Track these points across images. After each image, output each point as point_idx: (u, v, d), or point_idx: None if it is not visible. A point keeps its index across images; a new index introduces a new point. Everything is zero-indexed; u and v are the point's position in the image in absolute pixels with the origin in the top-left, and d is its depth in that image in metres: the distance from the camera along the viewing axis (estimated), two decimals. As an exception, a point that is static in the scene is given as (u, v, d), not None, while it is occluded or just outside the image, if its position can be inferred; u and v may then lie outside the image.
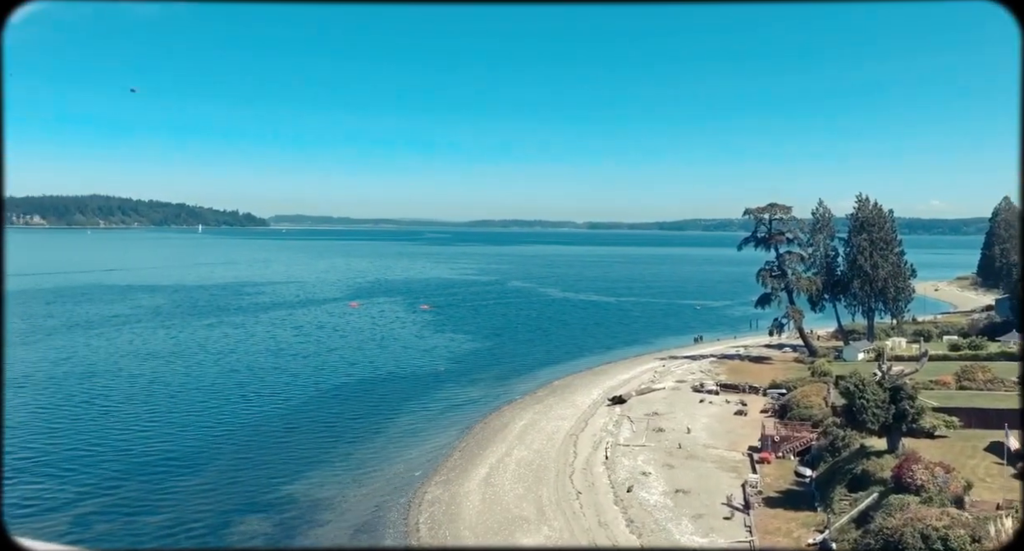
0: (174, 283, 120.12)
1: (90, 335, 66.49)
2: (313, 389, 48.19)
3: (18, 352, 56.84)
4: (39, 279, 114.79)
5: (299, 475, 31.55)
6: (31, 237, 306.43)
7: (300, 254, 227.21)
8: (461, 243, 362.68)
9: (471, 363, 57.34)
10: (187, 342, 64.94)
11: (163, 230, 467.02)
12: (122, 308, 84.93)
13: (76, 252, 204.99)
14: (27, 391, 44.86)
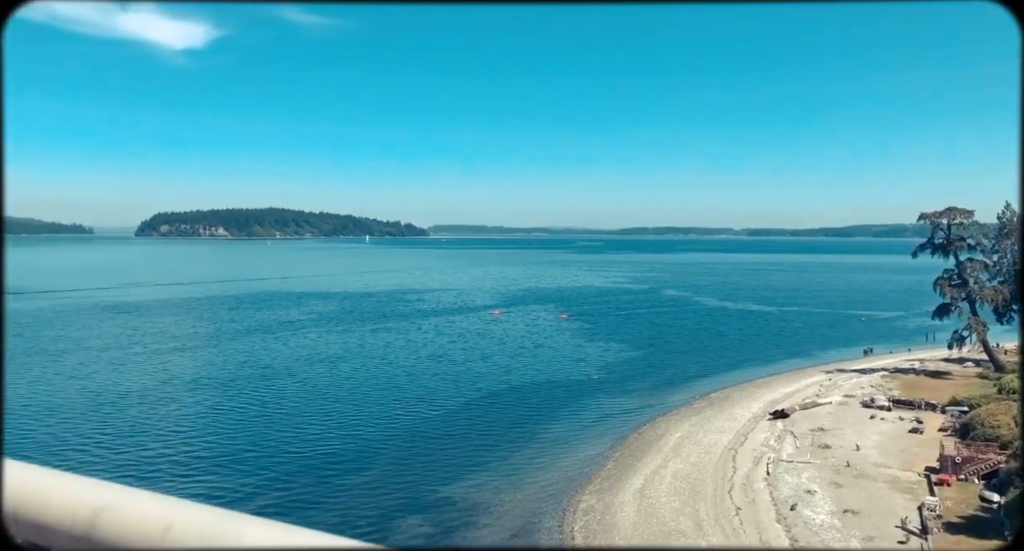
0: (342, 290, 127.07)
1: (267, 339, 71.57)
2: (468, 395, 49.57)
3: (204, 354, 62.16)
4: (225, 286, 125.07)
5: (457, 478, 32.59)
6: (216, 247, 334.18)
7: (456, 262, 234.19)
8: (613, 251, 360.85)
9: (624, 373, 57.02)
10: (351, 347, 68.53)
11: (332, 240, 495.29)
12: (296, 314, 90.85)
13: (256, 261, 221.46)
14: (208, 390, 48.93)
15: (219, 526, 1.10)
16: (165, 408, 43.70)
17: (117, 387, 47.81)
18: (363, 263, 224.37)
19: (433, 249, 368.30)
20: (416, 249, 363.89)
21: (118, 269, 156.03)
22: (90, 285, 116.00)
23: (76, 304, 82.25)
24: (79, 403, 44.03)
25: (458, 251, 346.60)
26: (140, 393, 46.80)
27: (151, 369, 53.43)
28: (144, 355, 58.20)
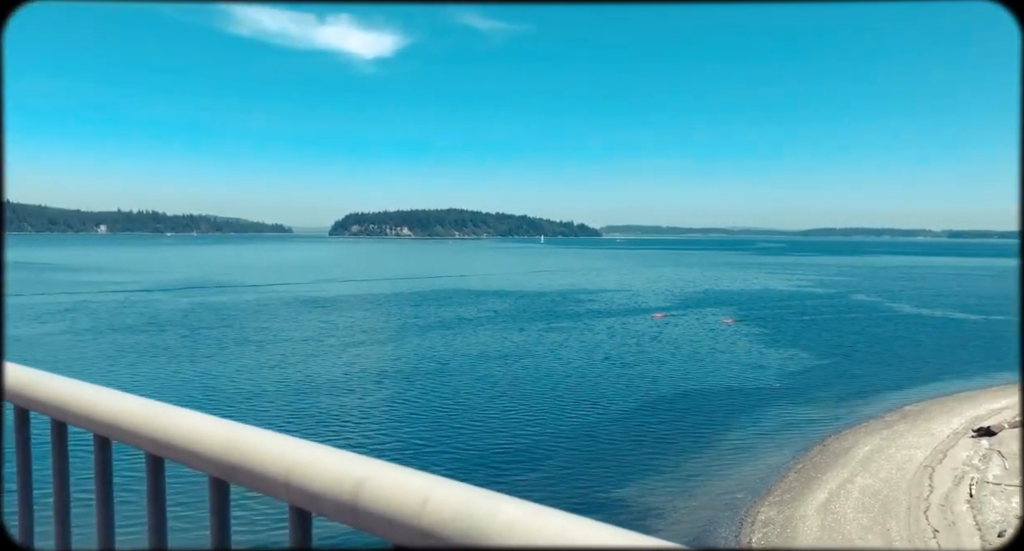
0: (516, 289, 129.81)
1: (446, 334, 74.42)
2: (639, 398, 49.10)
3: (388, 347, 65.59)
4: (408, 283, 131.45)
5: (629, 481, 32.43)
6: (400, 246, 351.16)
7: (629, 263, 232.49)
8: (796, 253, 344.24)
9: (808, 381, 54.30)
10: (522, 344, 69.84)
11: (507, 240, 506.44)
12: (473, 310, 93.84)
13: (438, 260, 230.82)
14: (390, 382, 51.56)
15: (475, 502, 1.22)
16: (347, 398, 46.55)
17: (312, 375, 51.49)
18: (537, 263, 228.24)
19: (606, 249, 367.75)
20: (589, 249, 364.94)
21: (313, 266, 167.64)
22: (289, 280, 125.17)
23: (278, 298, 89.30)
24: (282, 389, 47.82)
25: (631, 251, 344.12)
26: (331, 381, 50.14)
27: (342, 360, 57.06)
28: (337, 346, 62.21)
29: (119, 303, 72.20)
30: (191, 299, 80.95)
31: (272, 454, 1.56)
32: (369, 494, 1.34)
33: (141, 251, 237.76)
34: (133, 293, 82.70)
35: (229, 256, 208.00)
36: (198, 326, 59.29)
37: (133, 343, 50.01)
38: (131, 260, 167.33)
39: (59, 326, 58.20)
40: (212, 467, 1.70)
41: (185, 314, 66.53)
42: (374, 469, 1.40)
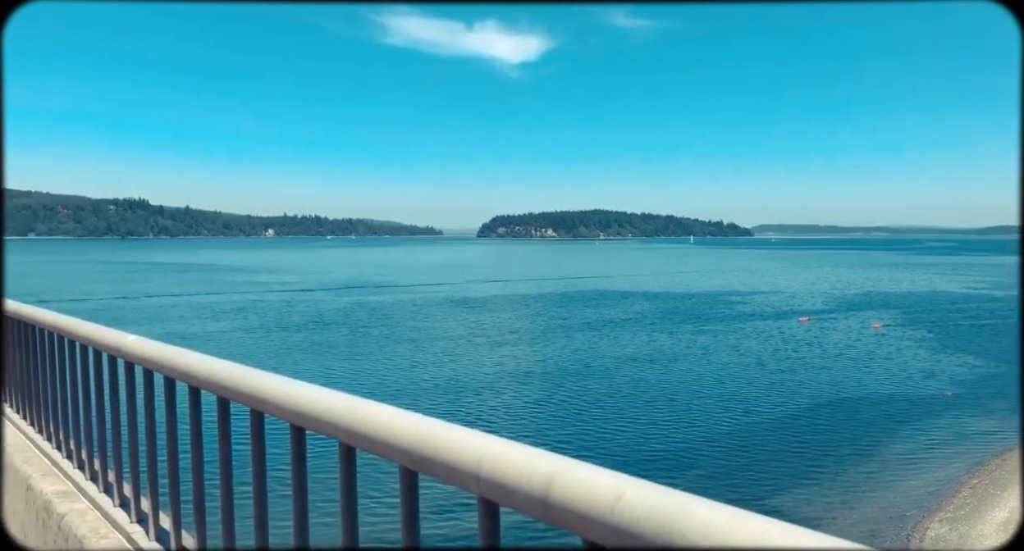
0: (664, 290, 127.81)
1: (591, 335, 74.32)
2: (795, 404, 47.04)
3: (535, 346, 66.28)
4: (553, 283, 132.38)
5: (785, 489, 31.17)
6: (545, 247, 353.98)
7: (784, 263, 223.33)
8: (969, 253, 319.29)
9: (982, 389, 50.19)
10: (669, 347, 68.58)
11: (653, 241, 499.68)
12: (618, 312, 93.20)
13: (583, 261, 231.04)
14: (537, 381, 52.03)
15: (668, 501, 1.23)
16: (495, 396, 47.39)
17: (463, 374, 52.85)
18: (684, 264, 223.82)
19: (759, 249, 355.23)
20: (740, 250, 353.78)
21: (461, 267, 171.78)
22: (438, 280, 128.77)
23: (429, 298, 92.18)
24: (435, 387, 49.41)
25: (786, 252, 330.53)
26: (480, 380, 51.26)
27: (491, 359, 58.25)
28: (487, 346, 63.54)
29: (284, 302, 76.71)
30: (350, 298, 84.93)
31: (464, 447, 1.64)
32: (560, 489, 1.39)
33: (303, 253, 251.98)
34: (297, 293, 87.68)
35: (383, 257, 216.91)
36: (357, 325, 62.18)
37: (298, 340, 53.07)
38: (295, 262, 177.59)
39: (232, 324, 62.51)
40: (404, 458, 1.80)
41: (345, 313, 69.86)
42: (565, 465, 1.44)
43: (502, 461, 1.54)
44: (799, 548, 1.09)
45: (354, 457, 2.11)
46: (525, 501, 1.47)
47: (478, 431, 1.70)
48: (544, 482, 1.42)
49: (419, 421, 1.82)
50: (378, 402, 2.04)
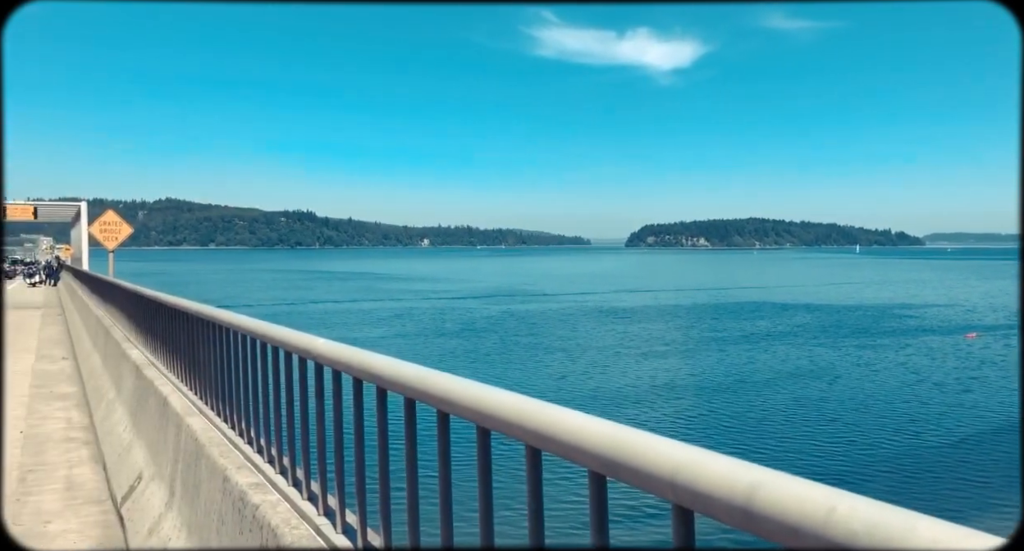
0: (824, 302, 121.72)
1: (747, 348, 71.79)
2: (971, 427, 43.34)
3: (688, 358, 64.75)
4: (705, 294, 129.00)
5: (964, 519, 28.85)
6: (696, 257, 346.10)
7: (960, 274, 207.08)
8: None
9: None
10: (830, 362, 64.96)
11: (814, 250, 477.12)
12: (775, 324, 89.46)
13: (737, 271, 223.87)
14: (688, 396, 50.72)
15: (887, 516, 1.20)
16: (648, 409, 46.59)
17: (614, 384, 52.44)
18: (849, 275, 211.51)
19: (931, 260, 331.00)
20: (911, 260, 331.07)
21: (609, 276, 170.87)
22: (586, 290, 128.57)
23: (577, 307, 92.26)
24: (589, 396, 49.38)
25: (962, 262, 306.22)
26: (632, 391, 50.64)
27: (643, 369, 57.43)
28: (637, 356, 62.81)
29: (438, 310, 78.87)
30: (499, 307, 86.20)
31: (658, 454, 1.66)
32: (765, 500, 1.38)
33: (455, 262, 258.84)
34: (449, 300, 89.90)
35: (532, 267, 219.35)
36: (507, 333, 63.14)
37: (451, 347, 54.49)
38: (447, 270, 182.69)
39: (390, 330, 64.89)
40: (594, 462, 1.84)
41: (495, 321, 70.99)
42: (768, 476, 1.43)
43: (700, 470, 1.55)
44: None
45: (540, 459, 2.17)
46: (725, 510, 1.47)
47: (671, 439, 1.72)
48: (746, 492, 1.42)
49: (610, 427, 1.86)
50: (564, 407, 2.10)
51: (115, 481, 8.03)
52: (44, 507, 7.66)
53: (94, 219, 35.15)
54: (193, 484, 5.45)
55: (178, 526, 5.64)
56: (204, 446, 5.42)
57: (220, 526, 4.60)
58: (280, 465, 4.45)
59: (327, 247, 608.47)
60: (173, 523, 5.77)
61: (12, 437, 10.71)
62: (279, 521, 3.79)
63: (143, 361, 9.64)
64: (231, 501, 4.46)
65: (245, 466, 4.76)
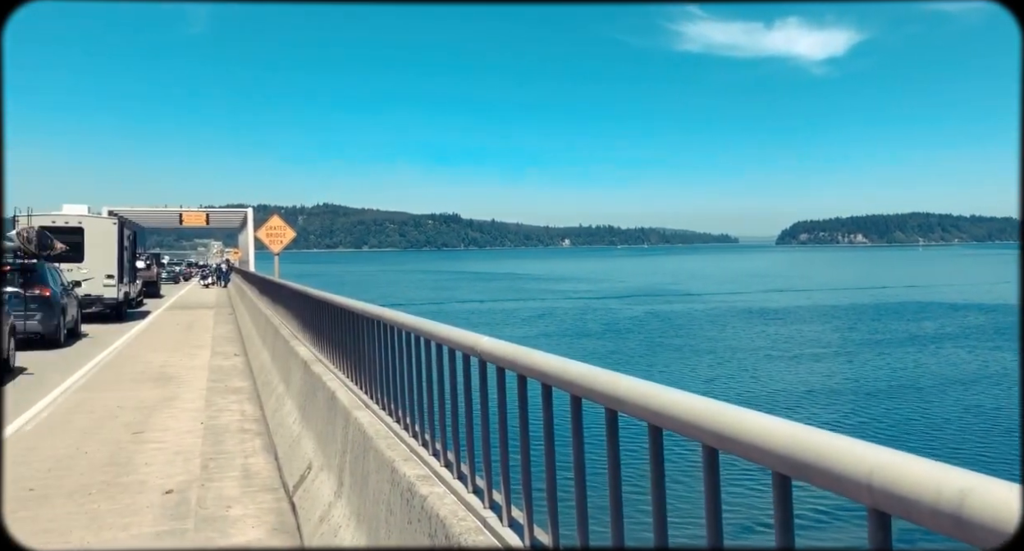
0: (1000, 302, 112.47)
1: (913, 351, 67.24)
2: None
3: (846, 363, 61.38)
4: (866, 293, 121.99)
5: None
6: (854, 254, 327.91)
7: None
8: None
9: None
10: (1008, 367, 59.94)
11: (986, 246, 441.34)
12: (943, 326, 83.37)
13: (899, 268, 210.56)
14: (851, 402, 48.05)
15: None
16: (802, 417, 44.62)
17: (767, 388, 50.62)
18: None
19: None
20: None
21: (760, 275, 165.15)
22: (734, 290, 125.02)
23: (724, 307, 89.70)
24: (741, 400, 47.96)
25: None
26: (782, 398, 48.72)
27: (797, 374, 55.15)
28: (790, 359, 60.46)
29: (579, 309, 78.90)
30: (643, 307, 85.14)
31: (851, 456, 1.61)
32: (980, 506, 1.31)
33: (596, 262, 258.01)
34: (591, 300, 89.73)
35: (677, 266, 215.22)
36: (651, 333, 62.35)
37: (595, 347, 54.35)
38: (588, 270, 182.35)
39: (533, 329, 65.47)
40: (780, 463, 1.81)
41: (638, 321, 70.23)
42: (980, 481, 1.36)
43: (900, 472, 1.49)
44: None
45: (717, 459, 2.15)
46: (931, 515, 1.41)
47: (864, 441, 1.66)
48: (956, 497, 1.36)
49: (795, 428, 1.82)
50: (743, 408, 2.07)
51: (286, 470, 8.55)
52: (224, 493, 8.25)
53: (260, 224, 37.64)
54: (361, 475, 5.72)
55: (347, 514, 5.94)
56: (371, 439, 5.68)
57: (388, 516, 4.80)
58: (445, 459, 4.60)
59: (471, 248, 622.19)
60: (342, 511, 6.08)
61: (194, 428, 11.60)
62: (447, 512, 3.92)
63: (310, 357, 10.22)
64: (399, 492, 4.66)
65: (411, 458, 4.95)
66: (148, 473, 9.20)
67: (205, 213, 63.47)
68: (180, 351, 22.12)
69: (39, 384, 15.78)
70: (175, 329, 29.47)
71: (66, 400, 14.10)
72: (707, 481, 2.15)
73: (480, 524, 3.76)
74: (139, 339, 25.57)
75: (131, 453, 10.18)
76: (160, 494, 8.34)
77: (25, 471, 9.27)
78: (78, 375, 17.09)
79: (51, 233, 26.92)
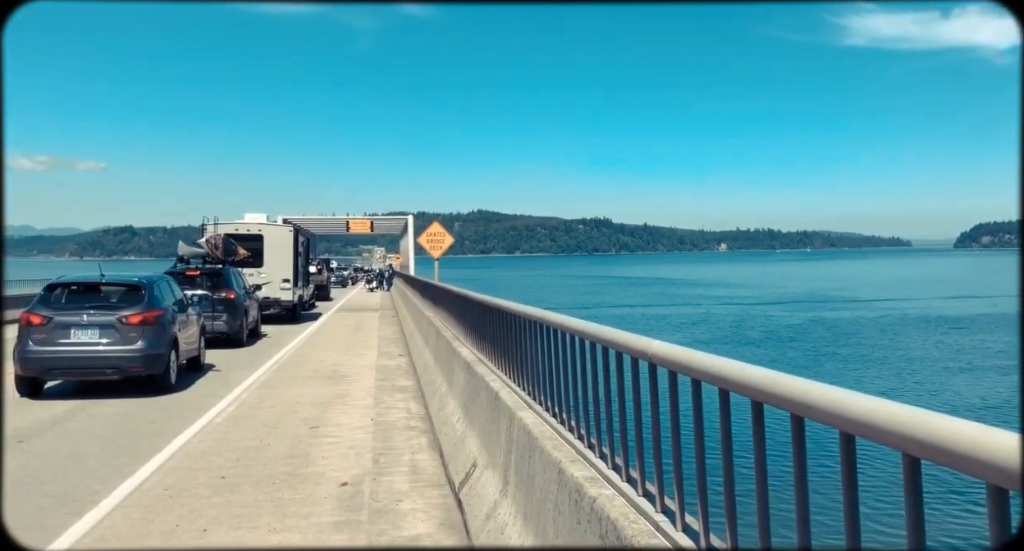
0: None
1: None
2: None
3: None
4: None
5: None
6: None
7: None
8: None
9: None
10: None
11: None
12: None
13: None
14: None
15: None
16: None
17: (951, 404, 47.15)
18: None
19: None
20: None
21: (937, 281, 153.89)
22: (907, 296, 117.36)
23: (898, 315, 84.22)
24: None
25: None
26: (968, 414, 45.17)
27: (982, 389, 51.06)
28: (973, 372, 56.11)
29: (736, 316, 76.63)
30: (805, 314, 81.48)
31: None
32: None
33: (754, 267, 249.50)
34: (748, 306, 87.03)
35: (843, 271, 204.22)
36: (815, 342, 59.63)
37: (753, 356, 52.58)
38: (746, 275, 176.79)
39: (686, 336, 64.21)
40: (998, 475, 1.71)
41: (801, 329, 67.38)
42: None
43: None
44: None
45: (920, 469, 2.06)
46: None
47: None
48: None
49: (1016, 439, 1.71)
50: (949, 416, 1.97)
51: (452, 467, 8.83)
52: (394, 487, 8.61)
53: (420, 231, 39.10)
54: (527, 474, 5.83)
55: (513, 513, 6.06)
56: (537, 439, 5.78)
57: (556, 515, 4.87)
58: (612, 461, 4.61)
59: (622, 253, 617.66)
60: (508, 509, 6.21)
61: (364, 424, 12.20)
62: (617, 514, 3.92)
63: (472, 359, 10.51)
64: (567, 492, 4.71)
65: (578, 460, 5.00)
66: (325, 466, 9.77)
67: (370, 221, 66.65)
68: (350, 351, 23.34)
69: (225, 380, 17.12)
70: (344, 330, 31.13)
71: (250, 396, 15.20)
72: (908, 491, 2.06)
73: (652, 527, 3.74)
74: (312, 339, 27.21)
75: (309, 446, 10.85)
76: (336, 486, 8.84)
77: (217, 460, 10.09)
78: (259, 372, 18.40)
79: (234, 240, 29.16)
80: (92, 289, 15.53)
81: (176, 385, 15.59)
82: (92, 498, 8.29)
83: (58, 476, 9.29)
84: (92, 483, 8.91)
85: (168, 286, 16.89)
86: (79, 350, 14.40)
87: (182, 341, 16.21)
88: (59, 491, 8.61)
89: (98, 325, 14.53)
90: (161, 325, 15.09)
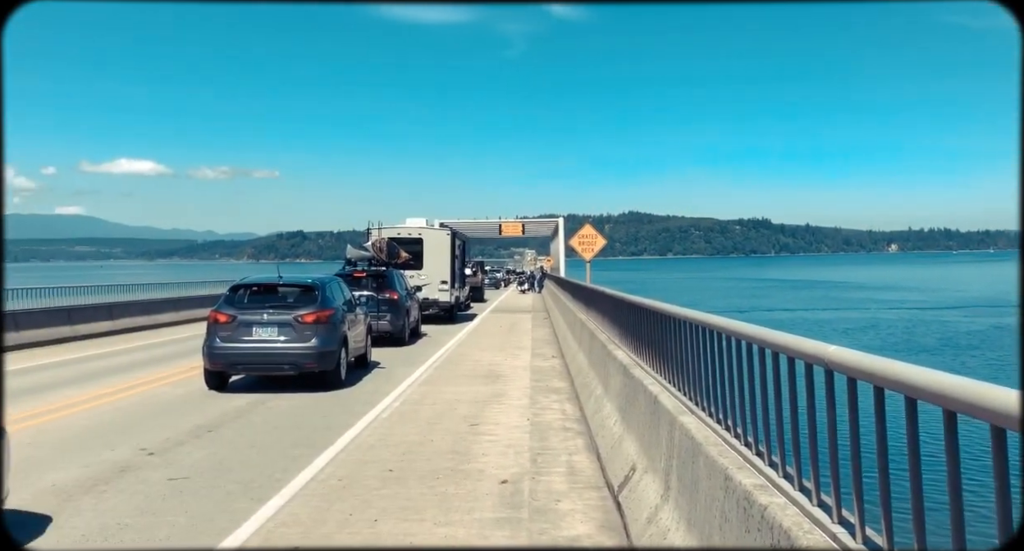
0: None
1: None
2: None
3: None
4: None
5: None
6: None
7: None
8: None
9: None
10: None
11: None
12: None
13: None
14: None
15: None
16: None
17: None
18: None
19: None
20: None
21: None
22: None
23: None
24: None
25: None
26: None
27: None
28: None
29: (908, 321, 72.01)
30: (987, 320, 75.41)
31: None
32: None
33: (928, 268, 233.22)
34: (922, 311, 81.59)
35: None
36: (1000, 350, 55.14)
37: (933, 364, 49.01)
38: (918, 277, 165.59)
39: (857, 342, 60.93)
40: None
41: (983, 337, 62.45)
42: None
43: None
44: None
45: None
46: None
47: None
48: None
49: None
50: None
51: (609, 470, 8.83)
52: (553, 487, 8.72)
53: (571, 233, 39.31)
54: (691, 480, 5.76)
55: (676, 518, 6.00)
56: (700, 444, 5.70)
57: (723, 523, 4.79)
58: (783, 470, 4.49)
59: (783, 254, 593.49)
60: (671, 515, 6.16)
61: (521, 423, 12.44)
62: (790, 524, 3.83)
63: (628, 362, 10.47)
64: (735, 500, 4.62)
65: (745, 467, 4.89)
66: (485, 463, 10.03)
67: (521, 223, 67.73)
68: (504, 351, 23.82)
69: (389, 377, 17.92)
70: (498, 331, 31.79)
71: (412, 392, 15.85)
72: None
73: (829, 538, 3.62)
74: (468, 339, 27.98)
75: (469, 443, 11.18)
76: (496, 483, 9.06)
77: (385, 454, 10.59)
78: (421, 370, 19.14)
79: (396, 244, 30.51)
80: (271, 290, 16.70)
81: (345, 381, 16.48)
82: (274, 486, 8.92)
83: (244, 464, 10.06)
84: (274, 472, 9.59)
85: (338, 287, 17.88)
86: (260, 347, 15.50)
87: (351, 339, 17.11)
88: (245, 478, 9.33)
89: (276, 324, 15.59)
90: (333, 324, 15.99)
